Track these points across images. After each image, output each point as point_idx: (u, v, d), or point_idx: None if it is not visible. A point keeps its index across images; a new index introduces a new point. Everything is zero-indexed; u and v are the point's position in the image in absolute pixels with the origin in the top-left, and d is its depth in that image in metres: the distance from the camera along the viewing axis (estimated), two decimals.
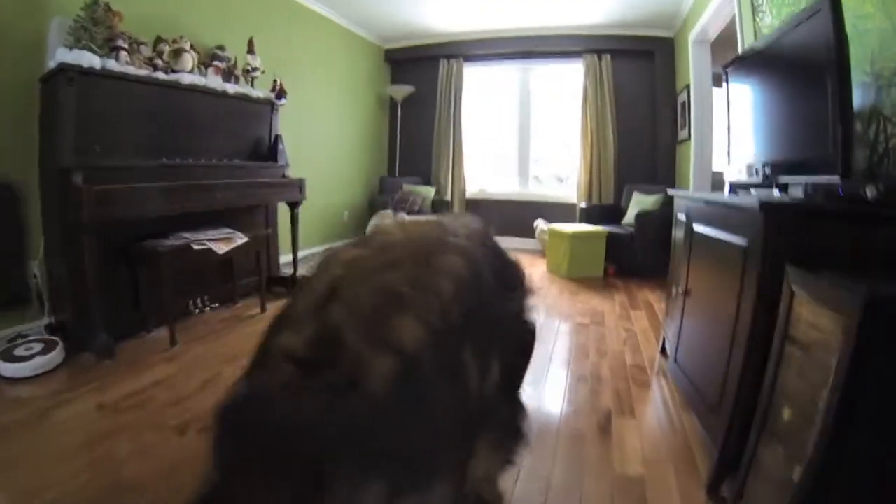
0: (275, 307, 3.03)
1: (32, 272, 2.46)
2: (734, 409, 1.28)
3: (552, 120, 5.60)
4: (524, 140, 5.67)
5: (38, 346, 2.20)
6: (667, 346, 2.23)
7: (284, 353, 0.55)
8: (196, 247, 2.50)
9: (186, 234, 2.57)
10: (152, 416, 1.79)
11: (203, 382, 2.07)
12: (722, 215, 1.56)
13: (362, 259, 0.66)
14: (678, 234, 2.19)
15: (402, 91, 5.63)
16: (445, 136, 5.57)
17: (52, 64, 2.24)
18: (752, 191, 1.83)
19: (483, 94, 5.75)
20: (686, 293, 1.87)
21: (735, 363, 1.30)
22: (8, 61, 2.31)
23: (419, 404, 0.54)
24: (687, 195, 2.14)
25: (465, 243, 0.73)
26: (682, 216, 2.11)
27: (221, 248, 2.60)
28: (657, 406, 1.94)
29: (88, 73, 2.27)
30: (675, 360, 1.96)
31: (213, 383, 2.07)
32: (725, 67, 2.18)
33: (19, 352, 2.16)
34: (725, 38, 3.60)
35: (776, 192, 1.64)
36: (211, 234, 2.67)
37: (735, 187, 2.04)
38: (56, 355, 2.19)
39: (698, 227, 1.82)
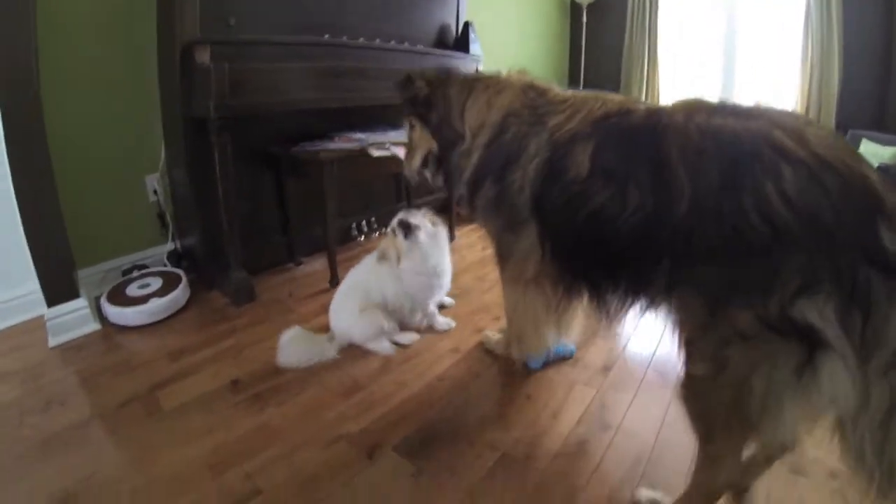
0: (465, 234, 2.43)
1: (152, 187, 1.96)
2: None
3: (765, 36, 4.39)
4: (729, 58, 4.58)
5: (156, 283, 1.75)
6: None
7: None
8: (376, 152, 1.81)
9: (358, 135, 1.93)
10: (314, 413, 1.24)
11: (384, 359, 1.44)
12: None
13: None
14: None
15: None
16: (639, 49, 4.63)
17: None
18: None
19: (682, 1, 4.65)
20: None
21: None
22: None
23: None
24: None
25: None
26: None
27: None
28: None
29: None
30: None
31: (397, 360, 1.43)
32: None
33: (132, 290, 1.70)
34: None
35: None
36: (393, 136, 1.98)
37: None
38: (178, 296, 1.71)
39: None
